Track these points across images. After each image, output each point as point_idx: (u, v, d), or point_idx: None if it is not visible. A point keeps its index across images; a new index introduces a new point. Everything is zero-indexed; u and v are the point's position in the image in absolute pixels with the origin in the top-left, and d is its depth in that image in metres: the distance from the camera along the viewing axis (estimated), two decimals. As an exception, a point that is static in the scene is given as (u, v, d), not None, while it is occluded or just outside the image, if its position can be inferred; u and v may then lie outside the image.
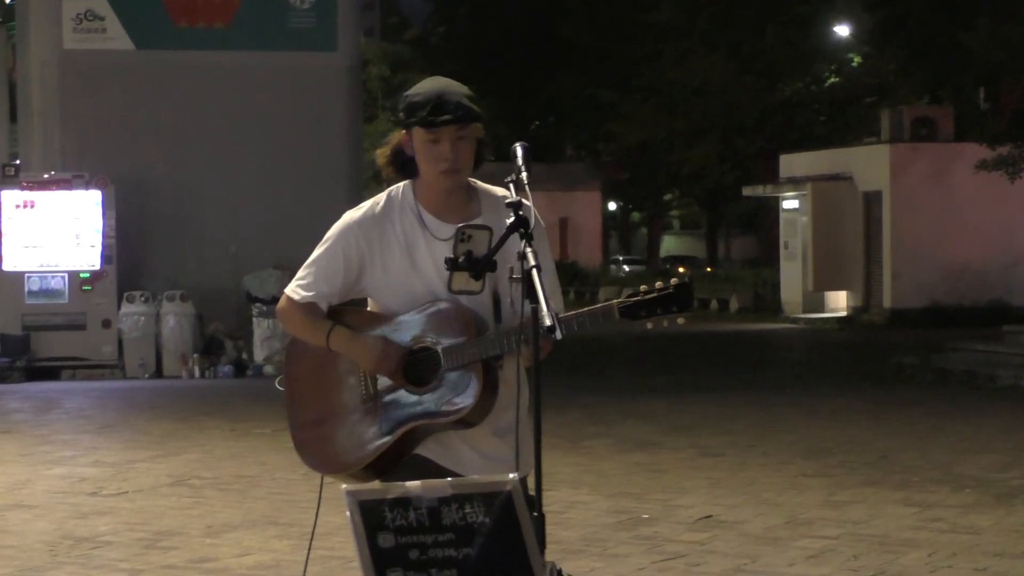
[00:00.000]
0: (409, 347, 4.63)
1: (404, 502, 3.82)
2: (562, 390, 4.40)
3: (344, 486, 3.88)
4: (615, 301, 4.53)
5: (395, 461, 4.69)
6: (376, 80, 48.12)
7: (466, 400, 4.56)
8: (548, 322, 4.08)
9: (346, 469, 4.72)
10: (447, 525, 3.82)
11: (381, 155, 4.81)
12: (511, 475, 3.89)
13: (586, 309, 4.52)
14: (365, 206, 4.85)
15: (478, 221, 4.66)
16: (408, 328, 4.66)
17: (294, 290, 4.84)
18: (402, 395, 4.63)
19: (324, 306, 4.79)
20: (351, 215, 4.85)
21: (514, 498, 3.83)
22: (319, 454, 4.79)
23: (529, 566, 3.83)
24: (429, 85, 4.74)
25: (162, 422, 16.49)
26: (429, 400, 4.60)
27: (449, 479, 3.93)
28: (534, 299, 4.15)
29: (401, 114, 4.75)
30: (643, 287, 4.49)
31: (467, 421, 4.60)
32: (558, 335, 4.22)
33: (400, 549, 3.80)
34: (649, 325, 4.47)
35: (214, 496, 11.41)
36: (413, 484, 3.86)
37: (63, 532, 9.96)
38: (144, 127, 23.66)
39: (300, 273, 4.87)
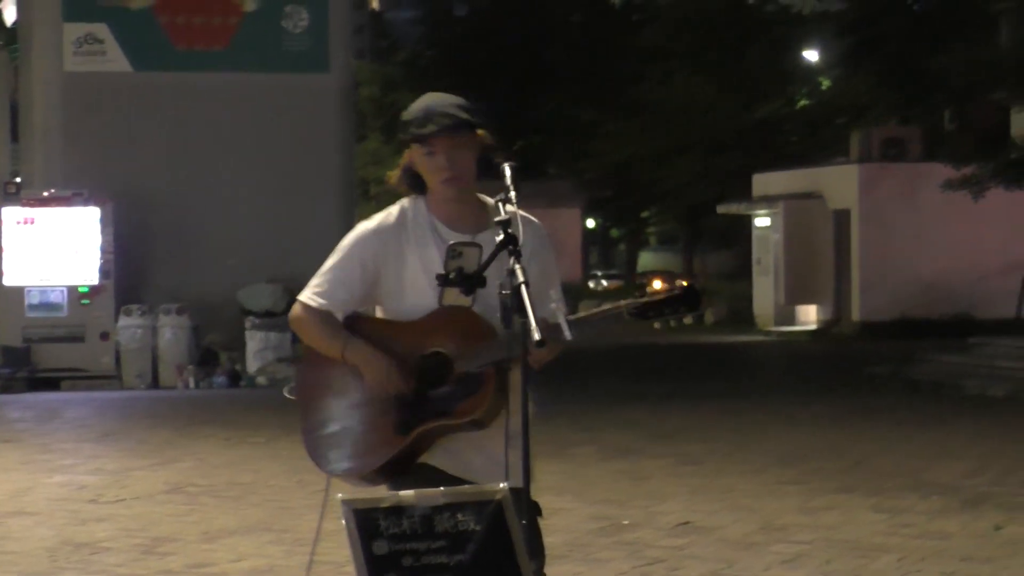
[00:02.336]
0: (421, 355, 4.66)
1: (398, 510, 3.91)
2: (548, 398, 4.60)
3: (340, 495, 3.94)
4: (623, 302, 4.58)
5: (407, 465, 4.69)
6: (367, 101, 47.53)
7: (478, 401, 4.58)
8: (537, 336, 4.19)
9: (361, 471, 4.72)
10: (440, 532, 3.90)
11: (393, 176, 4.83)
12: (502, 484, 3.96)
13: (596, 310, 4.61)
14: (379, 217, 4.83)
15: (473, 237, 4.74)
16: (421, 333, 4.68)
17: (310, 297, 4.77)
18: (416, 398, 4.65)
19: (340, 314, 4.75)
20: (366, 225, 4.84)
21: (504, 506, 3.92)
22: (333, 457, 4.76)
23: (520, 573, 3.91)
24: (419, 102, 4.77)
25: (159, 431, 16.65)
26: (442, 402, 4.62)
27: (441, 488, 3.99)
28: (523, 314, 4.22)
29: (400, 134, 4.80)
30: (650, 288, 4.58)
31: (479, 422, 4.60)
32: (568, 335, 4.43)
33: (394, 556, 3.88)
34: (656, 325, 4.62)
35: (210, 503, 11.55)
36: (407, 493, 3.96)
37: (63, 538, 10.06)
38: (143, 146, 23.88)
39: (314, 281, 4.80)
